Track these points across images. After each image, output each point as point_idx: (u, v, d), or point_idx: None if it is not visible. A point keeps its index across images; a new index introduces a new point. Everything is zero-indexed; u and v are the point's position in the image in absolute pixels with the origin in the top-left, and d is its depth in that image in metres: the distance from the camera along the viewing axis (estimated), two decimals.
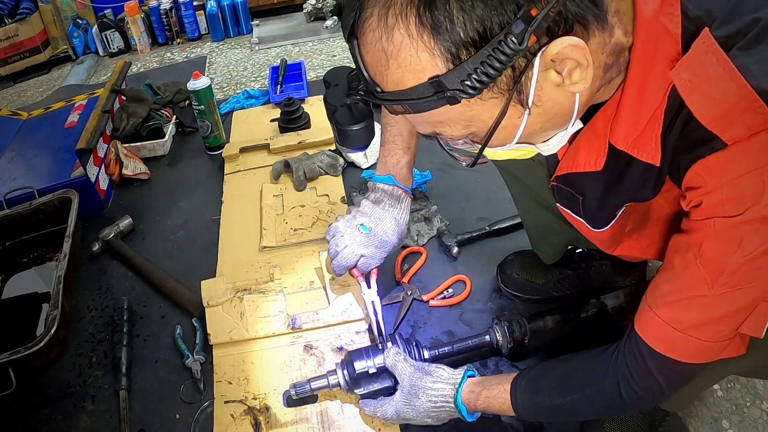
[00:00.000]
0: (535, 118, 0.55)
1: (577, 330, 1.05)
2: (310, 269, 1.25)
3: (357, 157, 1.59)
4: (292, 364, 1.06)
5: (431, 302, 1.17)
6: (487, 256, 1.27)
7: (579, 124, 0.60)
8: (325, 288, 1.18)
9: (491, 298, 1.18)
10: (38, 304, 1.30)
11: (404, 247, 1.31)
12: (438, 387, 0.85)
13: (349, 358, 0.95)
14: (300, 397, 0.96)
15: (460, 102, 0.51)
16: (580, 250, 1.14)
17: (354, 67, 0.58)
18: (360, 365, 0.93)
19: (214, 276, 1.27)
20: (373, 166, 1.58)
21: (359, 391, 0.94)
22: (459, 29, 0.47)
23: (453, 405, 0.83)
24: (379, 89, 0.55)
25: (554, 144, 0.61)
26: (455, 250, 1.27)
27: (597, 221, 0.72)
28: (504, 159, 0.64)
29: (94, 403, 1.05)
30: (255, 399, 1.01)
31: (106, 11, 2.82)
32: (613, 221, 0.71)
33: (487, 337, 1.01)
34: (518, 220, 1.29)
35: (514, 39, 0.46)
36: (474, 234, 1.30)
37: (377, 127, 0.73)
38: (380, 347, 0.95)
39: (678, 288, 0.60)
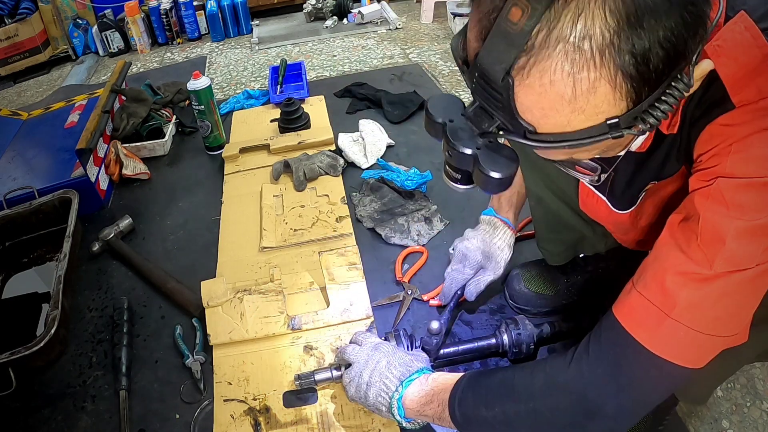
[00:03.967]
0: None
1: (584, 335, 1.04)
2: (310, 270, 1.25)
3: (357, 157, 1.60)
4: (292, 365, 1.06)
5: (431, 302, 1.17)
6: None
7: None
8: (324, 288, 1.18)
9: (491, 297, 1.18)
10: (38, 304, 1.30)
11: (404, 247, 1.31)
12: (386, 382, 0.85)
13: None
14: (304, 388, 0.98)
15: (624, 137, 0.48)
16: (583, 255, 1.13)
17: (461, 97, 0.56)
18: None
19: (214, 276, 1.27)
20: (373, 167, 1.58)
21: None
22: (652, 66, 0.44)
23: (394, 404, 0.82)
24: (532, 128, 0.49)
25: (639, 141, 0.64)
26: (436, 328, 1.13)
27: (622, 202, 0.73)
28: None
29: (94, 403, 1.05)
30: (255, 399, 1.01)
31: (106, 11, 2.83)
32: (635, 205, 0.72)
33: (494, 340, 1.00)
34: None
35: (684, 75, 0.46)
36: (447, 318, 1.21)
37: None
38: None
39: (672, 264, 0.56)
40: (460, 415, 0.73)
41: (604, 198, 0.75)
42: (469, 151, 0.54)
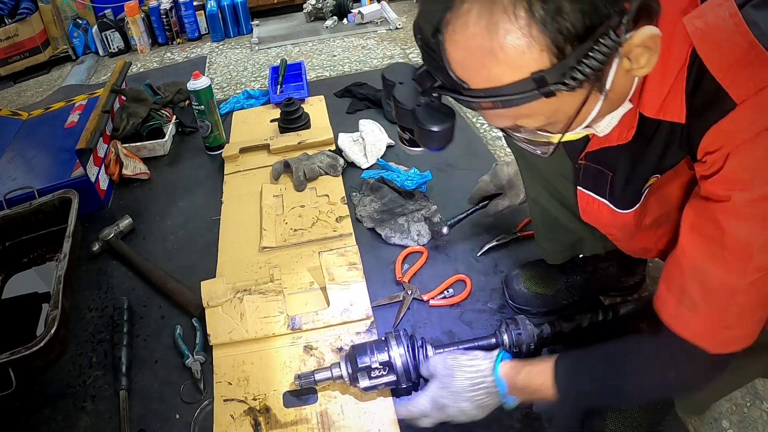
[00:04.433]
0: (605, 103, 0.56)
1: (584, 335, 1.04)
2: (310, 270, 1.25)
3: (357, 157, 1.60)
4: (292, 365, 1.06)
5: (431, 302, 1.17)
6: (487, 256, 1.27)
7: (628, 105, 0.62)
8: (324, 288, 1.18)
9: (491, 297, 1.18)
10: (38, 304, 1.30)
11: (404, 247, 1.31)
12: (475, 363, 0.84)
13: (353, 352, 0.95)
14: (304, 387, 0.97)
15: (556, 96, 0.51)
16: (582, 256, 1.13)
17: (416, 63, 0.58)
18: (363, 360, 0.93)
19: (214, 276, 1.27)
20: (373, 167, 1.58)
21: (363, 383, 0.94)
22: (568, 22, 0.47)
23: (492, 380, 0.82)
24: (466, 86, 0.53)
25: (605, 125, 0.63)
26: (445, 229, 1.25)
27: (623, 201, 0.72)
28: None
29: (94, 403, 1.05)
30: (255, 399, 1.01)
31: (106, 11, 2.83)
32: (639, 202, 0.71)
33: (494, 340, 1.00)
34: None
35: (614, 32, 0.48)
36: (462, 215, 1.27)
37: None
38: (384, 341, 0.95)
39: (712, 287, 0.60)
40: (566, 395, 0.76)
41: (605, 201, 0.75)
42: (409, 107, 0.59)
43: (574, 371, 0.76)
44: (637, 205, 0.72)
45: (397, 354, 0.93)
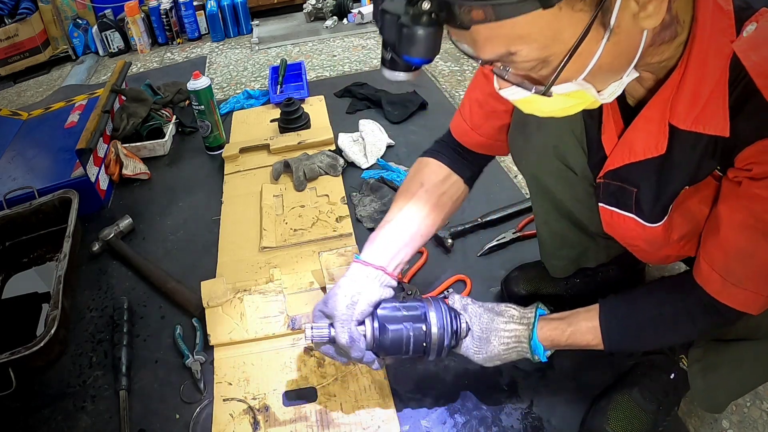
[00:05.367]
0: (608, 51, 0.53)
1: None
2: (310, 270, 1.25)
3: (357, 157, 1.60)
4: (292, 365, 1.06)
5: None
6: (487, 256, 1.27)
7: (635, 74, 0.60)
8: (324, 288, 1.18)
9: (491, 298, 1.17)
10: (38, 304, 1.30)
11: None
12: (510, 328, 0.84)
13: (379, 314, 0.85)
14: (316, 342, 0.84)
15: (554, 6, 0.47)
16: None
17: None
18: (388, 309, 0.84)
19: (214, 276, 1.27)
20: (373, 167, 1.58)
21: (385, 338, 0.82)
22: None
23: (526, 345, 0.83)
24: None
25: (609, 93, 0.60)
26: (449, 242, 1.28)
27: (652, 214, 0.72)
28: (557, 110, 0.61)
29: (94, 403, 1.05)
30: (255, 399, 1.01)
31: (106, 11, 2.83)
32: (667, 215, 0.71)
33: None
34: (509, 211, 1.36)
35: None
36: (467, 226, 1.32)
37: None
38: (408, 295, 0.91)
39: (757, 267, 0.65)
40: (615, 345, 0.80)
41: (632, 215, 0.74)
42: (394, 12, 0.55)
43: (625, 333, 0.79)
44: (665, 219, 0.72)
45: (434, 317, 0.83)
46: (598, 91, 0.59)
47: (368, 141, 1.62)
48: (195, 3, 2.85)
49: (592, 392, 0.97)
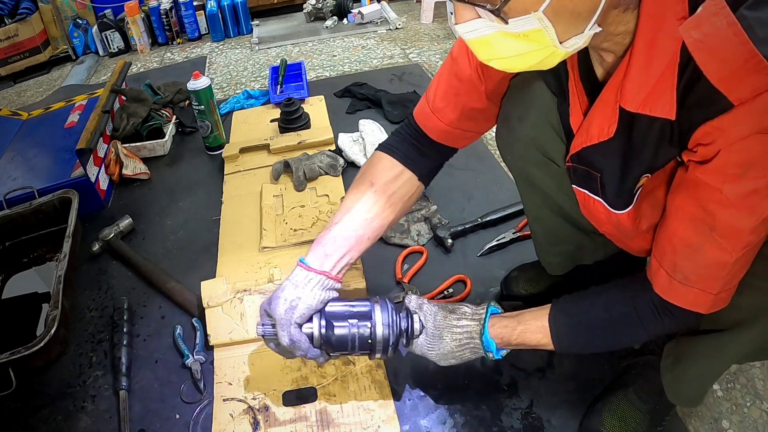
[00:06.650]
0: None
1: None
2: None
3: (357, 157, 1.60)
4: (292, 365, 1.06)
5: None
6: (487, 256, 1.28)
7: (596, 29, 0.58)
8: None
9: (491, 298, 1.18)
10: (38, 304, 1.30)
11: (404, 247, 1.31)
12: (462, 324, 0.85)
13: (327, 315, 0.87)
14: (266, 338, 0.86)
15: None
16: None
17: None
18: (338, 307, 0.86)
19: (214, 276, 1.27)
20: None
21: (331, 335, 0.84)
22: None
23: (478, 341, 0.83)
24: None
25: (570, 44, 0.58)
26: (449, 242, 1.28)
27: (617, 201, 0.72)
28: (514, 56, 0.60)
29: (94, 403, 1.05)
30: (254, 399, 1.01)
31: (106, 11, 2.83)
32: (632, 204, 0.70)
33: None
34: (509, 211, 1.37)
35: None
36: (467, 226, 1.33)
37: None
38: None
39: (704, 264, 0.64)
40: (564, 345, 0.80)
41: (600, 199, 0.74)
42: None
43: (574, 333, 0.79)
44: (631, 207, 0.71)
45: (380, 318, 0.85)
46: (561, 42, 0.57)
47: (368, 141, 1.62)
48: (195, 3, 2.85)
49: (593, 392, 0.98)
